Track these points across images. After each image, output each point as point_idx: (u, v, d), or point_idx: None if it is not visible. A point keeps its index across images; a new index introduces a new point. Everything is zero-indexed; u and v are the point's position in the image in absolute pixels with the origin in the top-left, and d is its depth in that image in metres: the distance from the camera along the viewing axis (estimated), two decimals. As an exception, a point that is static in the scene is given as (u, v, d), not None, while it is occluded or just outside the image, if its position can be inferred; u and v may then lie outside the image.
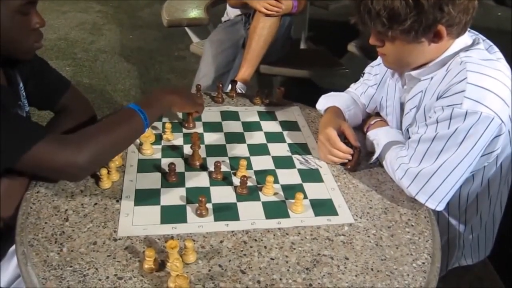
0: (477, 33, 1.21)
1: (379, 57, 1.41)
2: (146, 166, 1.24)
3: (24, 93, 1.23)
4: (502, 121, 1.08)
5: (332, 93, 1.51)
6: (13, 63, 1.17)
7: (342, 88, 1.55)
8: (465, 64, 1.10)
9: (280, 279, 0.96)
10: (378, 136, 1.32)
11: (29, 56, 1.14)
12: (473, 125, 1.06)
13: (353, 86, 1.54)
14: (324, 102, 1.48)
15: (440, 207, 1.15)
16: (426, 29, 1.07)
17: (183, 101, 1.31)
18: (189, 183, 1.19)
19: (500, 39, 1.40)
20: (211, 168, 1.23)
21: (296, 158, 1.33)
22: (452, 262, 1.42)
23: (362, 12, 1.09)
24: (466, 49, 1.14)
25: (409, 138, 1.25)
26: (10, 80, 1.17)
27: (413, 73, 1.21)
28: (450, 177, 1.12)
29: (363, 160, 1.31)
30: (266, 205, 1.15)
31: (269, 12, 2.12)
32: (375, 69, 1.46)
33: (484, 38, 1.20)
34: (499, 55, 1.18)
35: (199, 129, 1.41)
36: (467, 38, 1.16)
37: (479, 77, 1.07)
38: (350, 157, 1.28)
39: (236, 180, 1.21)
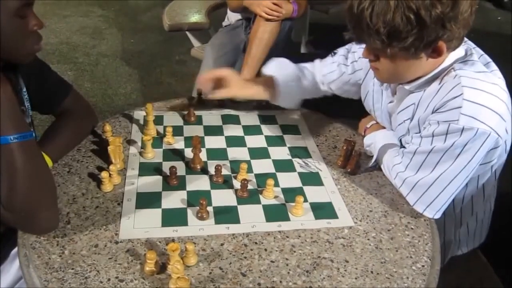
0: (466, 39, 1.16)
1: (357, 46, 1.37)
2: (147, 169, 1.25)
3: (27, 97, 1.24)
4: (499, 135, 1.07)
5: (285, 61, 1.50)
6: (14, 67, 1.18)
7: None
8: (460, 78, 1.07)
9: (281, 281, 0.96)
10: (374, 139, 1.33)
11: (29, 58, 1.14)
12: (469, 141, 1.05)
13: (317, 64, 1.50)
14: (271, 68, 1.48)
15: (437, 216, 1.15)
16: (426, 45, 1.03)
17: None
18: (190, 186, 1.20)
19: (500, 42, 1.41)
20: (212, 171, 1.24)
21: (297, 161, 1.33)
22: (448, 255, 1.43)
23: (359, 29, 1.03)
24: (460, 61, 1.12)
25: (403, 146, 1.25)
26: (11, 83, 1.18)
27: (407, 87, 1.18)
28: (447, 188, 1.11)
29: (363, 164, 1.32)
30: (266, 208, 1.15)
31: (269, 17, 2.13)
32: (353, 57, 1.40)
33: (474, 45, 1.17)
34: (493, 66, 1.15)
35: (200, 132, 1.42)
36: (459, 49, 1.13)
37: (475, 93, 1.05)
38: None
39: (236, 183, 1.21)
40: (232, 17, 2.46)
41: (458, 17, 0.99)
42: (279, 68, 1.47)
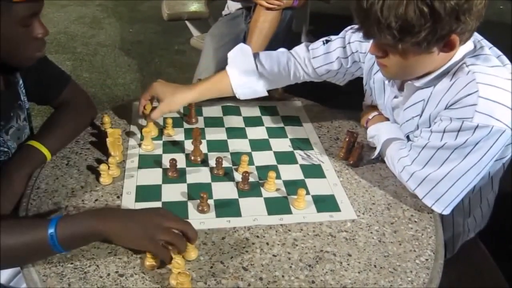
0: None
1: (357, 34, 1.32)
2: (147, 161, 1.23)
3: (23, 90, 1.22)
4: None
5: (248, 50, 1.44)
6: (13, 69, 1.15)
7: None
8: (474, 74, 1.03)
9: (283, 276, 0.95)
10: (379, 131, 1.31)
11: (29, 64, 1.11)
12: (482, 138, 1.02)
13: (303, 49, 1.43)
14: (229, 61, 1.43)
15: (447, 211, 1.13)
16: (439, 39, 0.98)
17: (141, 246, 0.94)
18: (190, 179, 1.18)
19: (502, 32, 1.39)
20: (213, 163, 1.22)
21: (298, 153, 1.32)
22: (458, 245, 1.43)
23: (368, 22, 0.98)
24: (470, 55, 1.08)
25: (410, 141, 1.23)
26: (8, 81, 1.16)
27: (416, 83, 1.14)
28: (457, 183, 1.09)
29: (365, 156, 1.30)
30: (268, 201, 1.14)
31: (270, 6, 2.11)
32: (350, 49, 1.35)
33: (482, 37, 1.14)
34: (505, 60, 1.12)
35: (200, 124, 1.40)
36: (468, 42, 1.09)
37: (490, 89, 1.02)
38: None
39: (237, 176, 1.20)
40: (232, 6, 2.43)
41: (473, 9, 0.95)
42: (237, 59, 1.41)
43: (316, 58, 1.41)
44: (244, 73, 1.40)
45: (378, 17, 0.95)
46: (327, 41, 1.40)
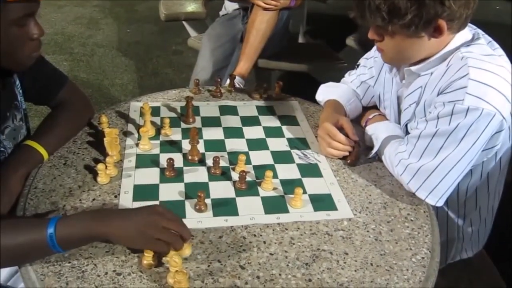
0: (475, 27, 1.20)
1: (373, 49, 1.41)
2: (145, 161, 1.23)
3: (20, 91, 1.22)
4: (503, 117, 1.07)
5: (331, 83, 1.51)
6: (10, 71, 1.15)
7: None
8: (467, 59, 1.09)
9: (280, 274, 0.95)
10: (377, 130, 1.32)
11: (26, 65, 1.11)
12: (474, 122, 1.05)
13: (348, 78, 1.52)
14: (324, 94, 1.48)
15: (440, 203, 1.15)
16: (426, 23, 1.06)
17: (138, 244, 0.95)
18: (188, 178, 1.19)
19: (499, 32, 1.40)
20: (210, 163, 1.22)
21: (295, 153, 1.32)
22: (451, 255, 1.43)
23: (362, 6, 1.08)
24: (467, 44, 1.14)
25: (408, 133, 1.24)
26: (5, 81, 1.16)
27: (413, 68, 1.20)
28: (450, 173, 1.11)
29: (362, 155, 1.31)
30: (265, 200, 1.14)
31: (267, 6, 2.11)
32: (370, 62, 1.44)
33: (483, 33, 1.19)
34: (500, 51, 1.17)
35: (197, 124, 1.40)
36: (467, 33, 1.16)
37: (481, 73, 1.07)
38: (350, 149, 1.27)
39: (235, 175, 1.20)
40: (229, 6, 2.44)
41: None
42: (335, 91, 1.47)
43: (353, 85, 1.49)
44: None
45: (369, 1, 1.06)
46: (358, 66, 1.50)
